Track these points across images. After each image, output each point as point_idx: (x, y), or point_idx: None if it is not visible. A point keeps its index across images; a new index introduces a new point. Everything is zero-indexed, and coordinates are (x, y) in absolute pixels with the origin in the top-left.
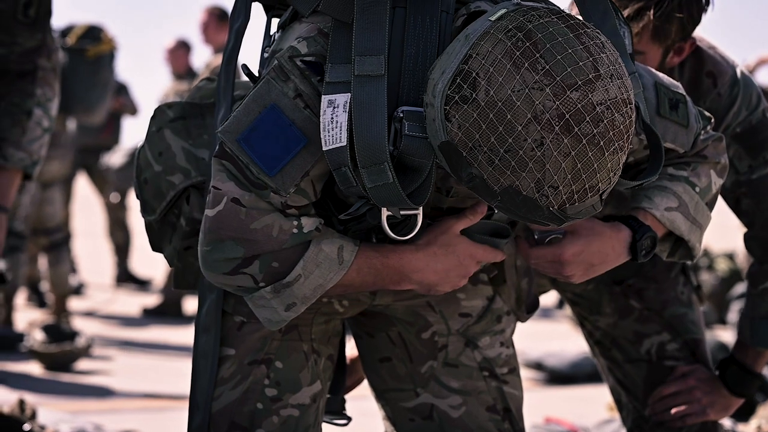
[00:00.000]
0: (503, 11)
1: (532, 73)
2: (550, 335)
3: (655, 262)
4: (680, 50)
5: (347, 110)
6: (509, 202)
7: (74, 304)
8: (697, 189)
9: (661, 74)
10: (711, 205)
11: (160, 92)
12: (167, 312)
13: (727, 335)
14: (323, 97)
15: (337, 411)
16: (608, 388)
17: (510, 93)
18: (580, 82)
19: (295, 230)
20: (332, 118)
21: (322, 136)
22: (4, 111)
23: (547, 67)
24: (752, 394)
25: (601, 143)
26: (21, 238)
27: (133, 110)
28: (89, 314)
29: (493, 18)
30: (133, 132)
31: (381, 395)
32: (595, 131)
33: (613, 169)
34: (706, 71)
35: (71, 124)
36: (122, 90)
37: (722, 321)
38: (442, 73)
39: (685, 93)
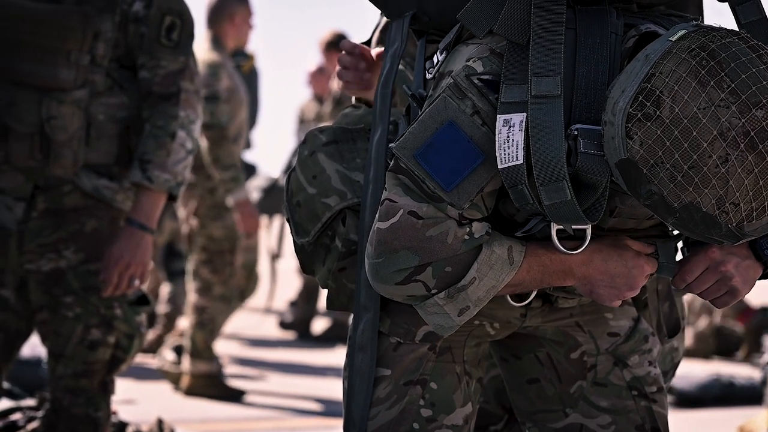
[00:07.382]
0: (683, 32)
1: (718, 91)
2: None
3: None
4: None
5: (523, 129)
6: (688, 219)
7: None
8: None
9: None
10: None
11: (295, 109)
12: (296, 329)
13: None
14: (498, 116)
15: None
16: None
17: (696, 110)
18: (764, 101)
19: (467, 236)
20: (508, 137)
21: (497, 155)
22: (149, 133)
23: (732, 85)
24: None
25: None
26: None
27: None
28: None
29: (673, 38)
30: None
31: (529, 417)
32: None
33: None
34: None
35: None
36: None
37: None
38: (623, 91)
39: None
